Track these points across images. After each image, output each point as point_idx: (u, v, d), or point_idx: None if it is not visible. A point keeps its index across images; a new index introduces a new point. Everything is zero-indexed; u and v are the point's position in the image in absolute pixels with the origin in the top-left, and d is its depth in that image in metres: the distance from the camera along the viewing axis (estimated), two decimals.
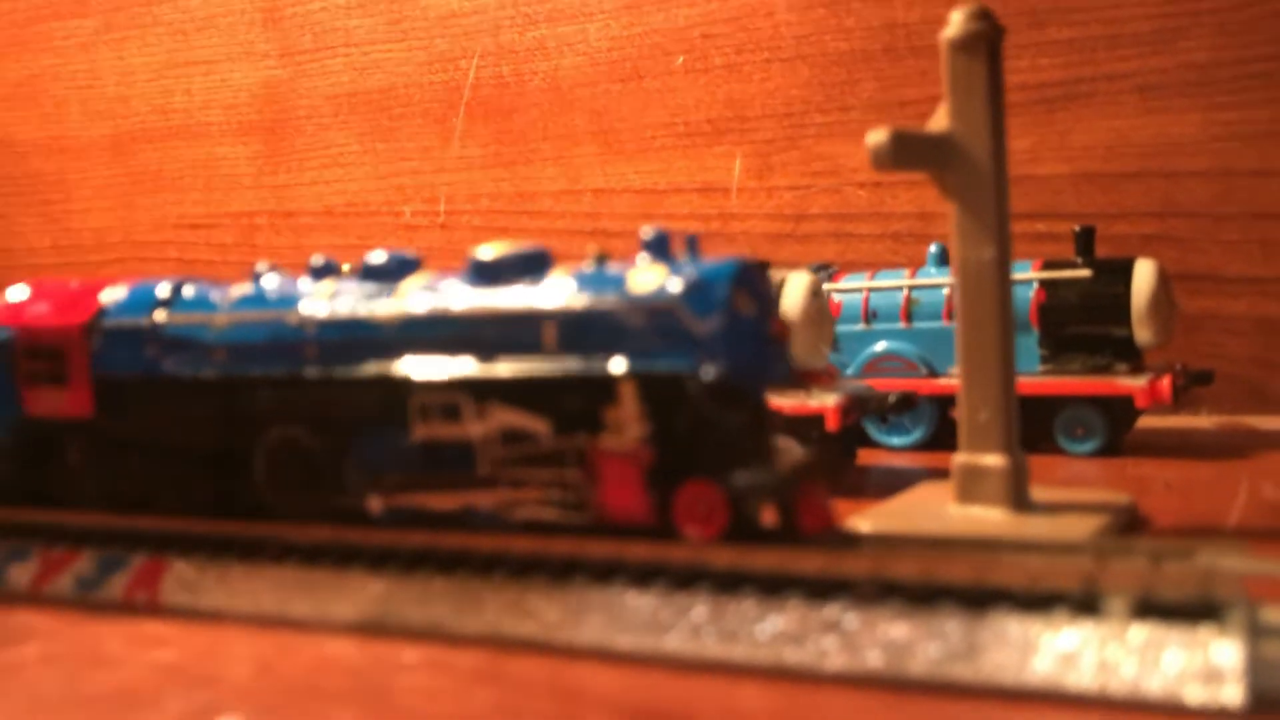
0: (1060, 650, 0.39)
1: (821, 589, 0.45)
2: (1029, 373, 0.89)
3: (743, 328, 0.46)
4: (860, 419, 0.86)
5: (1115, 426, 0.88)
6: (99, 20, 1.70)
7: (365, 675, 0.45)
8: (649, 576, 0.47)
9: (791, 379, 0.49)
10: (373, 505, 0.53)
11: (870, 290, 0.97)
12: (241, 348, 0.56)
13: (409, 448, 0.52)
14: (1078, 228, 0.91)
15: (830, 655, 0.42)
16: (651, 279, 0.48)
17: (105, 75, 1.70)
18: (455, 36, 1.44)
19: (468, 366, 0.50)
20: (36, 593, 0.60)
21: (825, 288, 0.91)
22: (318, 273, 0.57)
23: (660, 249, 0.49)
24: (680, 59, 1.30)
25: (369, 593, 0.52)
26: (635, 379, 0.47)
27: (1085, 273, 0.89)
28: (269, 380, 0.55)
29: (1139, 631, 0.39)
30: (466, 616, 0.49)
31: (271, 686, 0.45)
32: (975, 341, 0.63)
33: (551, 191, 1.38)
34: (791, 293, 0.80)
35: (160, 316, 0.58)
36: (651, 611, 0.46)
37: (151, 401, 0.58)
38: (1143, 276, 0.87)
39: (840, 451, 0.85)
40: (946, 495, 0.65)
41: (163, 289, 0.60)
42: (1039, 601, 0.41)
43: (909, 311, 0.95)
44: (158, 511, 0.59)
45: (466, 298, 0.51)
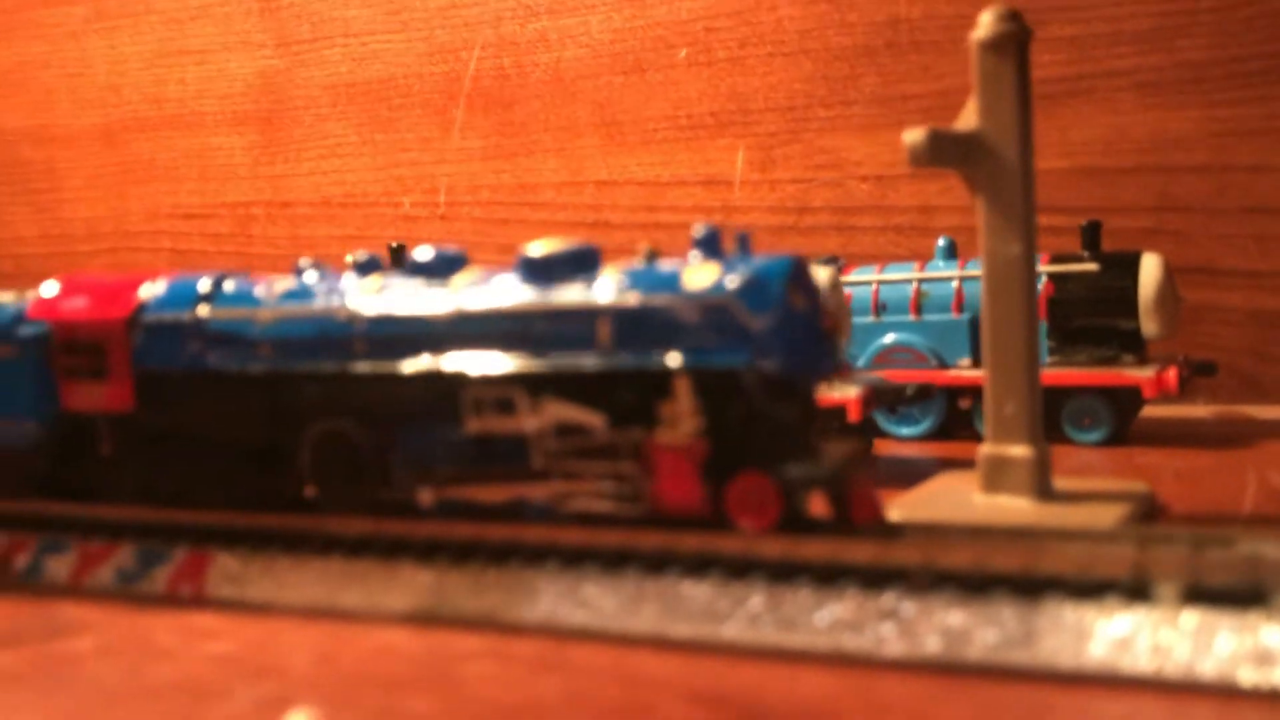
0: (1114, 635, 0.41)
1: (876, 578, 0.46)
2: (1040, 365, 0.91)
3: (797, 323, 0.48)
4: (878, 410, 0.87)
5: (1121, 416, 0.90)
6: (89, 8, 1.68)
7: (427, 664, 0.46)
8: (703, 567, 0.49)
9: (839, 372, 0.50)
10: (424, 498, 0.54)
11: (880, 283, 0.98)
12: (288, 342, 0.56)
13: (461, 441, 0.52)
14: (1084, 222, 0.93)
15: (889, 642, 0.44)
16: (706, 275, 0.49)
17: (96, 64, 1.68)
18: (456, 28, 1.44)
19: (523, 361, 0.51)
20: (76, 585, 0.60)
21: None
22: (362, 268, 0.57)
23: (712, 246, 0.50)
24: (683, 52, 1.31)
25: (420, 583, 0.53)
26: (690, 374, 0.48)
27: (1092, 266, 0.91)
28: (317, 374, 0.55)
29: (1190, 616, 0.41)
30: (521, 606, 0.50)
31: (336, 676, 0.45)
32: (1002, 335, 0.64)
33: (553, 183, 1.39)
34: None
35: (204, 311, 0.58)
36: (708, 600, 0.47)
37: (194, 396, 0.59)
38: (1149, 270, 0.89)
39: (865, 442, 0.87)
40: (969, 485, 0.67)
41: (204, 284, 0.60)
42: (1090, 588, 0.43)
43: (918, 304, 0.97)
44: (198, 505, 0.60)
45: (521, 294, 0.52)
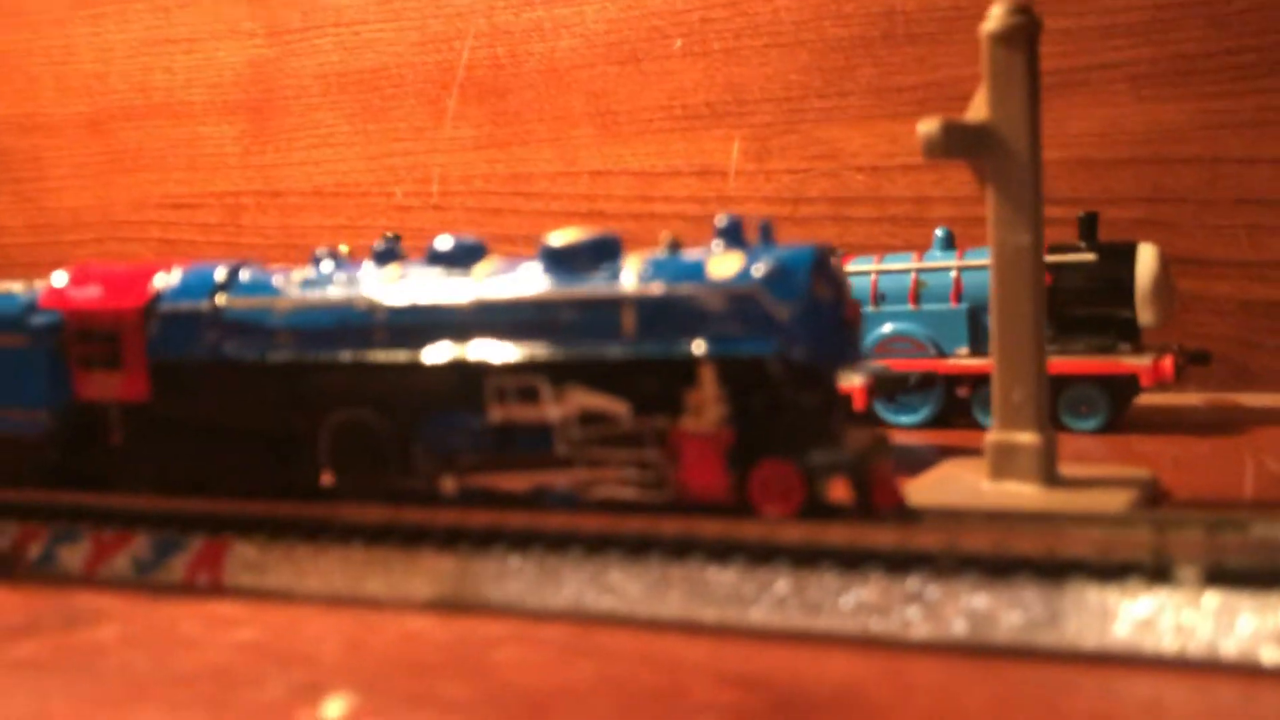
0: (1138, 616, 0.42)
1: (900, 562, 0.47)
2: None
3: (821, 311, 0.48)
4: (881, 398, 0.88)
5: (1117, 405, 0.91)
6: None
7: (456, 650, 0.47)
8: (726, 552, 0.49)
9: (861, 361, 0.51)
10: (446, 485, 0.54)
11: (879, 273, 0.99)
12: (308, 331, 0.56)
13: (484, 429, 0.53)
14: (1082, 213, 0.94)
15: (915, 625, 0.44)
16: (730, 264, 0.49)
17: (81, 51, 1.67)
18: (449, 17, 1.44)
19: (547, 350, 0.51)
20: (90, 575, 0.60)
21: None
22: (381, 257, 0.57)
23: (734, 235, 0.51)
24: (679, 42, 1.31)
25: (443, 570, 0.53)
26: (716, 362, 0.48)
27: (1090, 256, 0.92)
28: (337, 364, 0.55)
29: (1212, 598, 0.42)
30: (546, 592, 0.51)
31: (366, 663, 0.46)
32: (1010, 324, 0.65)
33: (547, 173, 1.39)
34: None
35: (221, 300, 0.58)
36: (733, 585, 0.48)
37: (211, 385, 0.59)
38: (1146, 260, 0.91)
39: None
40: (974, 472, 0.68)
41: (220, 273, 0.60)
42: (1112, 571, 0.44)
43: (917, 294, 0.98)
44: (214, 494, 0.60)
45: (544, 283, 0.52)
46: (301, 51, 1.52)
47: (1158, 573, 0.43)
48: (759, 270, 0.48)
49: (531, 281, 0.52)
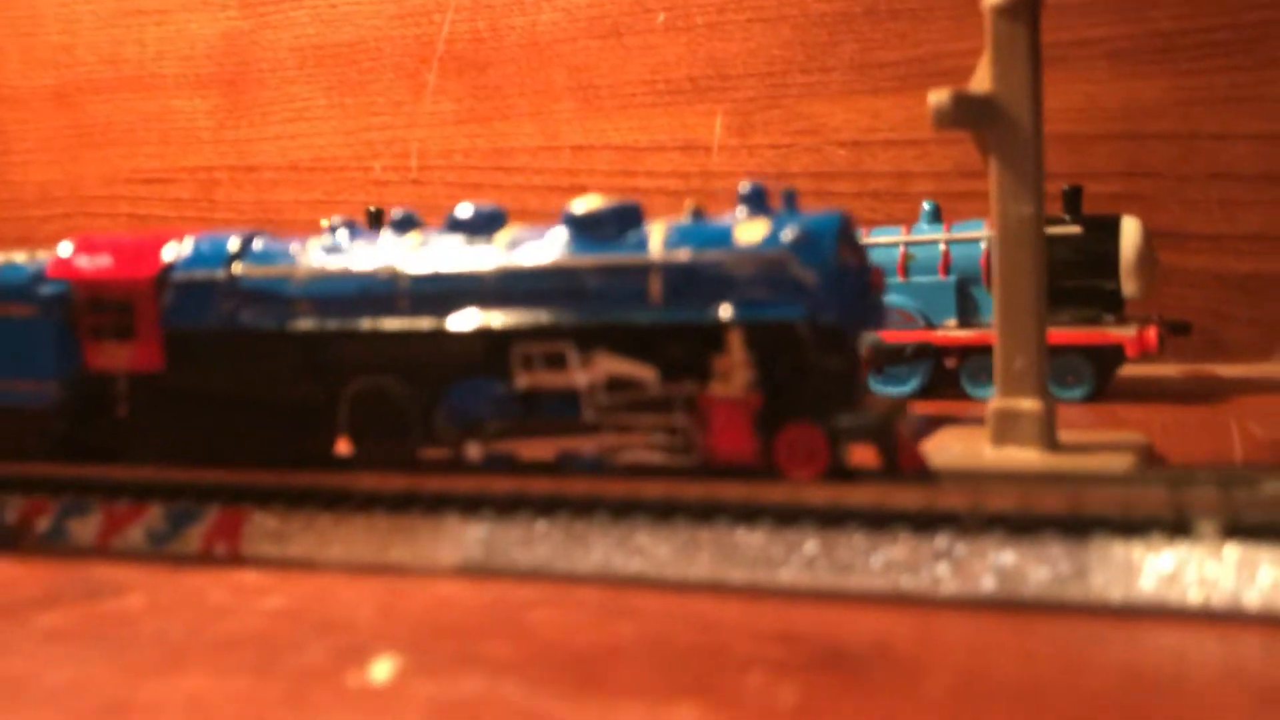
0: (1162, 570, 0.43)
1: (926, 522, 0.48)
2: None
3: (848, 277, 0.49)
4: (872, 370, 0.90)
5: (1102, 374, 0.94)
6: None
7: (492, 613, 0.47)
8: (753, 515, 0.50)
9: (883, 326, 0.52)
10: (471, 452, 0.54)
11: (867, 246, 1.00)
12: (328, 300, 0.56)
13: (509, 396, 0.53)
14: (1066, 187, 0.96)
15: (944, 581, 0.45)
16: (757, 231, 0.50)
17: (47, 23, 1.63)
18: None
19: (574, 317, 0.51)
20: (104, 547, 0.60)
21: None
22: (399, 225, 0.57)
23: (758, 202, 0.51)
24: (661, 16, 1.31)
25: (469, 537, 0.54)
26: (743, 327, 0.49)
27: (1075, 229, 0.94)
28: (359, 331, 0.55)
29: (1232, 551, 0.43)
30: (575, 556, 0.51)
31: (404, 627, 0.46)
32: (1013, 293, 0.66)
33: (529, 148, 1.39)
34: None
35: (238, 269, 0.58)
36: (762, 547, 0.49)
37: (227, 354, 0.58)
38: (1130, 233, 0.93)
39: None
40: (975, 438, 0.69)
41: (233, 242, 0.60)
42: (1133, 527, 0.45)
43: (905, 266, 0.99)
44: (229, 464, 0.60)
45: (570, 250, 0.52)
46: (277, 24, 1.50)
47: (1178, 528, 0.45)
48: (787, 236, 0.49)
49: (557, 249, 0.53)
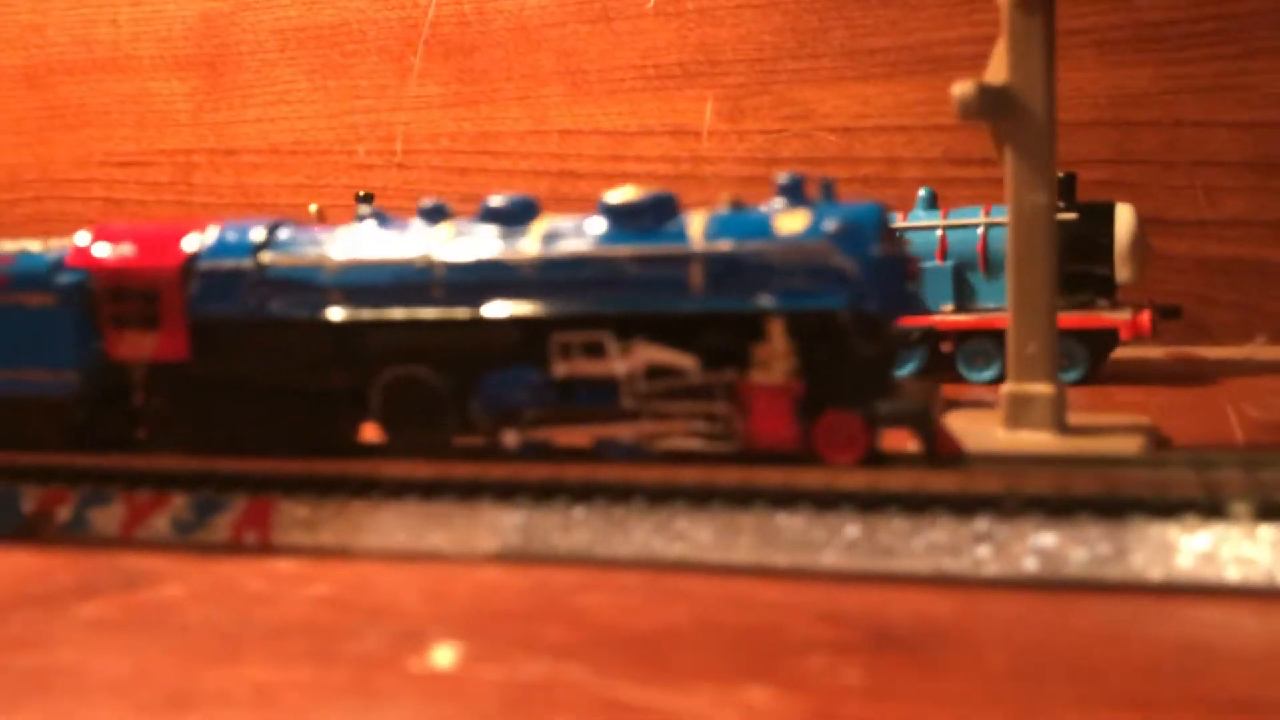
0: (1199, 549, 0.45)
1: (963, 505, 0.49)
2: None
3: (887, 266, 0.50)
4: None
5: (1096, 357, 0.95)
6: None
7: (540, 597, 0.48)
8: (791, 500, 0.51)
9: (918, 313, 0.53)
10: (508, 440, 0.55)
11: None
12: (361, 289, 0.56)
13: (546, 384, 0.53)
14: (1061, 174, 0.98)
15: (986, 563, 0.47)
16: (798, 221, 0.51)
17: (16, 2, 1.60)
18: None
19: (614, 306, 0.52)
20: (128, 537, 0.59)
21: None
22: (429, 215, 0.57)
23: (796, 193, 0.52)
24: (651, 1, 1.31)
25: (507, 523, 0.54)
26: (785, 316, 0.50)
27: (1071, 216, 0.95)
28: (392, 321, 0.55)
29: (1266, 530, 0.45)
30: (615, 541, 0.52)
31: (454, 613, 0.46)
32: (1026, 280, 0.68)
33: (516, 132, 1.38)
34: None
35: (266, 258, 0.58)
36: (803, 530, 0.50)
37: (256, 343, 0.58)
38: (1124, 219, 0.95)
39: None
40: (986, 422, 0.71)
41: (259, 231, 0.59)
42: (1167, 508, 0.47)
43: None
44: (255, 452, 0.60)
45: (609, 240, 0.53)
46: (257, 5, 1.48)
47: (1211, 509, 0.46)
48: (830, 226, 0.50)
49: (594, 238, 0.53)
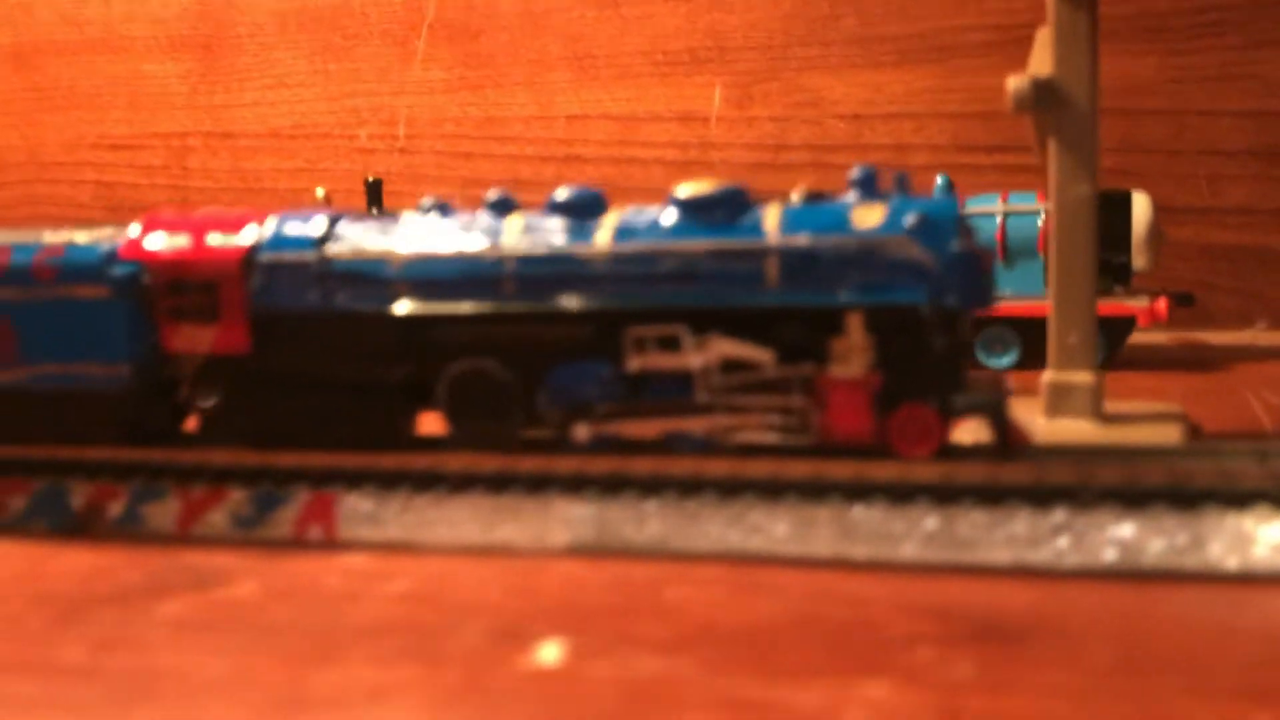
0: (1275, 540, 0.46)
1: (1038, 497, 0.50)
2: (1037, 296, 0.97)
3: (965, 260, 0.51)
4: None
5: (1113, 344, 0.97)
6: None
7: (626, 592, 0.48)
8: (866, 492, 0.52)
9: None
10: (579, 434, 0.55)
11: None
12: (429, 282, 0.56)
13: (618, 378, 0.54)
14: None
15: (1066, 554, 0.48)
16: (874, 215, 0.51)
17: None
18: None
19: (690, 300, 0.52)
20: (185, 533, 0.59)
21: None
22: (497, 207, 0.57)
23: (869, 186, 0.53)
24: None
25: (579, 516, 0.54)
26: (864, 310, 0.50)
27: None
28: (462, 314, 0.55)
29: None
30: (690, 534, 0.52)
31: (544, 608, 0.47)
32: (1068, 270, 0.69)
33: (522, 117, 1.38)
34: None
35: (331, 250, 0.57)
36: (881, 523, 0.51)
37: (320, 336, 0.58)
38: (1141, 207, 0.96)
39: None
40: (1025, 409, 0.72)
41: (320, 223, 0.59)
42: (1239, 498, 0.48)
43: None
44: (313, 447, 0.59)
45: (681, 234, 0.53)
46: None
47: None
48: (910, 221, 0.50)
49: (668, 232, 0.53)
